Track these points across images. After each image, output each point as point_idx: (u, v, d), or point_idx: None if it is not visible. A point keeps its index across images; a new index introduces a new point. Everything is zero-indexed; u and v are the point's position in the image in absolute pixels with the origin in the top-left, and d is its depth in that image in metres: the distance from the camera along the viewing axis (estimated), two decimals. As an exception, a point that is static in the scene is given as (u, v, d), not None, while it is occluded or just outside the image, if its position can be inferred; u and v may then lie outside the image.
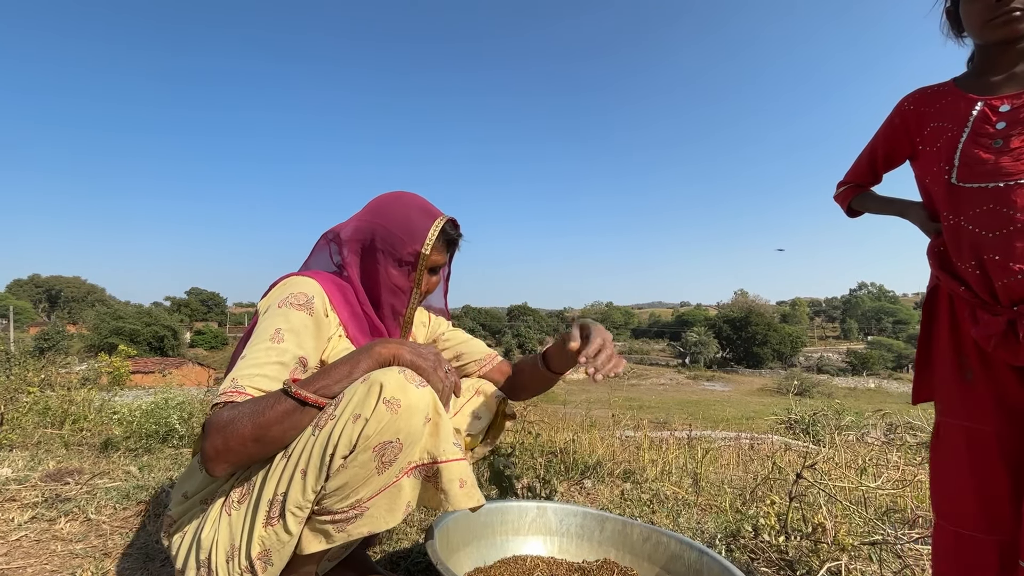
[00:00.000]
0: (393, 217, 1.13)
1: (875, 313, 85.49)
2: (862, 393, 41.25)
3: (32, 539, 1.54)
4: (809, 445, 4.39)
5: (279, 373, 0.90)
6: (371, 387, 0.84)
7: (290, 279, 1.05)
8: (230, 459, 0.83)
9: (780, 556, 1.55)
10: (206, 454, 0.83)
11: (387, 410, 0.83)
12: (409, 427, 0.85)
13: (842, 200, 1.41)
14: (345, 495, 0.85)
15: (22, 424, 2.95)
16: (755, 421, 10.29)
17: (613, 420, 4.77)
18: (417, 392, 0.86)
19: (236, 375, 0.88)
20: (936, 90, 1.18)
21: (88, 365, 6.08)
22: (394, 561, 1.49)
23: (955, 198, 1.07)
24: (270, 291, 1.04)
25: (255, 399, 0.85)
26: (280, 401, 0.85)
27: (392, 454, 0.85)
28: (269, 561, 0.87)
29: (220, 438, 0.82)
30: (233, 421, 0.82)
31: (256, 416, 0.83)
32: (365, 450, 0.83)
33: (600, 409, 6.92)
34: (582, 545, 1.44)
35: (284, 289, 1.02)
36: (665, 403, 22.70)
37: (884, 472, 2.30)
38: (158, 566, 1.42)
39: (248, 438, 0.82)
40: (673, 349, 72.84)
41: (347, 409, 0.84)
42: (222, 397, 0.86)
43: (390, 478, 0.87)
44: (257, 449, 0.84)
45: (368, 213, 1.16)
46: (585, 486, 2.34)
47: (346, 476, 0.84)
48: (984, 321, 1.03)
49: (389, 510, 0.88)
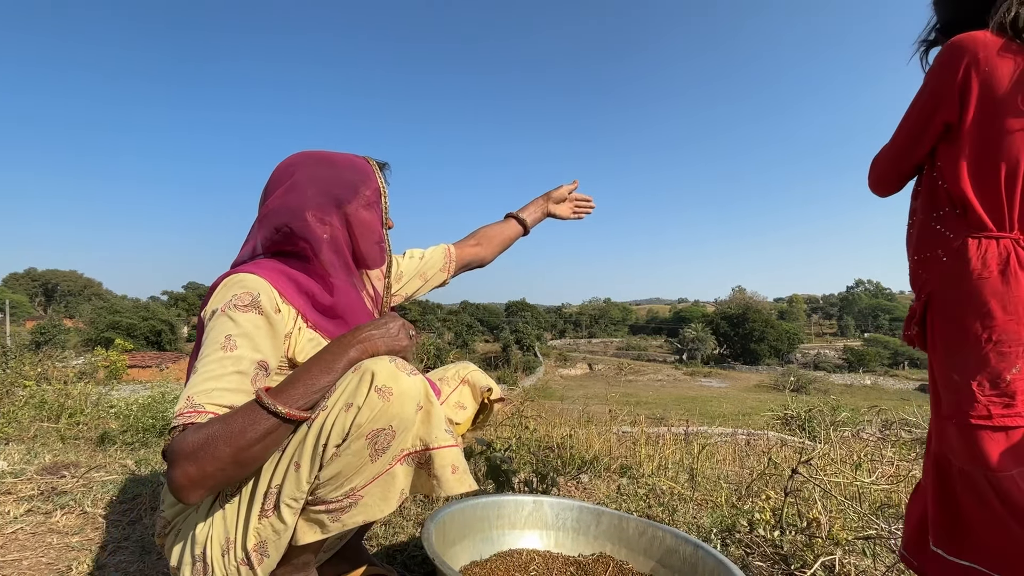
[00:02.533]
0: (333, 169, 1.07)
1: (872, 310, 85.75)
2: (858, 390, 41.42)
3: (28, 532, 1.54)
4: (805, 441, 4.40)
5: (240, 384, 0.83)
6: (362, 376, 0.84)
7: (229, 279, 0.93)
8: (207, 485, 0.76)
9: (775, 550, 1.56)
10: (177, 483, 0.74)
11: (379, 398, 0.82)
12: (402, 414, 0.85)
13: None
14: (339, 484, 0.85)
15: (18, 418, 2.94)
16: (751, 417, 10.32)
17: (610, 416, 4.77)
18: (409, 380, 0.85)
19: (191, 392, 0.80)
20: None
21: (85, 359, 6.06)
22: (390, 554, 1.49)
23: None
24: (210, 296, 0.93)
25: (226, 417, 0.78)
26: (261, 419, 0.79)
27: (385, 442, 0.85)
28: (265, 552, 0.86)
29: (194, 465, 0.74)
30: (205, 445, 0.75)
31: (234, 438, 0.76)
32: (358, 438, 0.83)
33: (597, 404, 6.93)
34: (578, 539, 1.45)
35: (225, 291, 0.91)
36: (662, 399, 22.76)
37: (879, 468, 2.32)
38: (154, 559, 1.42)
39: (227, 461, 0.76)
40: (670, 345, 72.96)
41: (340, 399, 0.84)
42: (179, 419, 0.78)
43: (383, 466, 0.87)
44: (236, 472, 0.79)
45: (303, 182, 1.03)
46: (582, 481, 2.35)
47: (339, 465, 0.84)
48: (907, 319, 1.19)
49: (383, 498, 0.88)
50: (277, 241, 1.01)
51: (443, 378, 1.34)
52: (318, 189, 1.03)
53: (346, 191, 1.06)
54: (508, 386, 14.65)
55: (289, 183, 1.04)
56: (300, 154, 1.09)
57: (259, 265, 0.97)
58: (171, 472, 0.75)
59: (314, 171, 1.05)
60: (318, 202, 1.03)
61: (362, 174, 1.10)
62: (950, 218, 1.09)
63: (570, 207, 1.67)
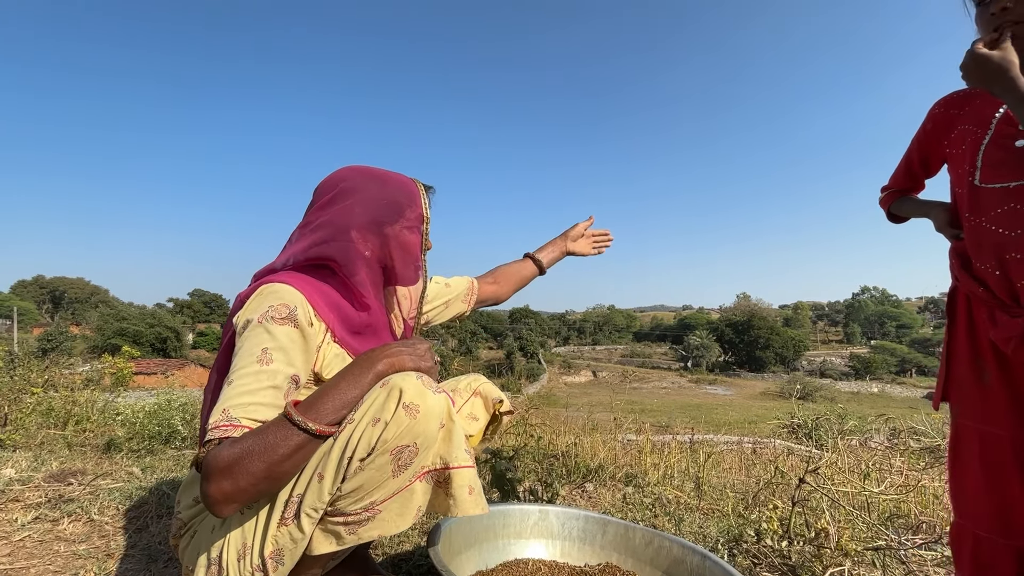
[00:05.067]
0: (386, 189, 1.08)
1: (878, 317, 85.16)
2: (865, 397, 41.10)
3: (35, 539, 1.55)
4: (812, 450, 4.38)
5: (274, 399, 0.85)
6: (391, 392, 0.84)
7: (265, 288, 0.94)
8: (240, 499, 0.78)
9: (783, 561, 1.54)
10: (212, 498, 0.76)
11: (406, 415, 0.83)
12: (426, 432, 0.85)
13: (884, 205, 1.43)
14: (359, 497, 0.85)
15: (25, 425, 2.96)
16: (757, 425, 10.26)
17: (615, 424, 4.76)
18: (434, 398, 0.86)
19: (228, 405, 0.81)
20: (965, 93, 1.18)
21: (91, 366, 6.09)
22: (396, 563, 1.49)
23: (977, 199, 1.07)
24: (244, 303, 0.94)
25: (258, 432, 0.80)
26: (291, 435, 0.80)
27: (408, 458, 0.85)
28: (281, 560, 0.87)
29: (228, 481, 0.76)
30: (240, 460, 0.76)
31: (267, 453, 0.78)
32: (383, 453, 0.83)
33: (602, 412, 6.91)
34: (584, 549, 1.44)
35: (261, 300, 0.92)
36: (667, 407, 22.63)
37: (887, 477, 2.29)
38: (161, 567, 1.42)
39: (260, 476, 0.78)
40: (675, 352, 72.63)
41: (367, 413, 0.84)
42: (215, 432, 0.79)
43: (404, 482, 0.87)
44: (268, 486, 0.80)
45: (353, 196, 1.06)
46: (587, 490, 2.34)
47: (362, 479, 0.84)
48: (1003, 323, 1.02)
49: (400, 514, 0.88)
50: (317, 254, 1.02)
51: (456, 389, 1.35)
52: (365, 208, 1.05)
53: (391, 212, 1.08)
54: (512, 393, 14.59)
55: (338, 198, 1.06)
56: (351, 169, 1.12)
57: (294, 276, 0.98)
58: (206, 487, 0.77)
59: (363, 189, 1.07)
60: (363, 221, 1.04)
61: (408, 197, 1.11)
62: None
63: (588, 243, 1.71)
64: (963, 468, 1.10)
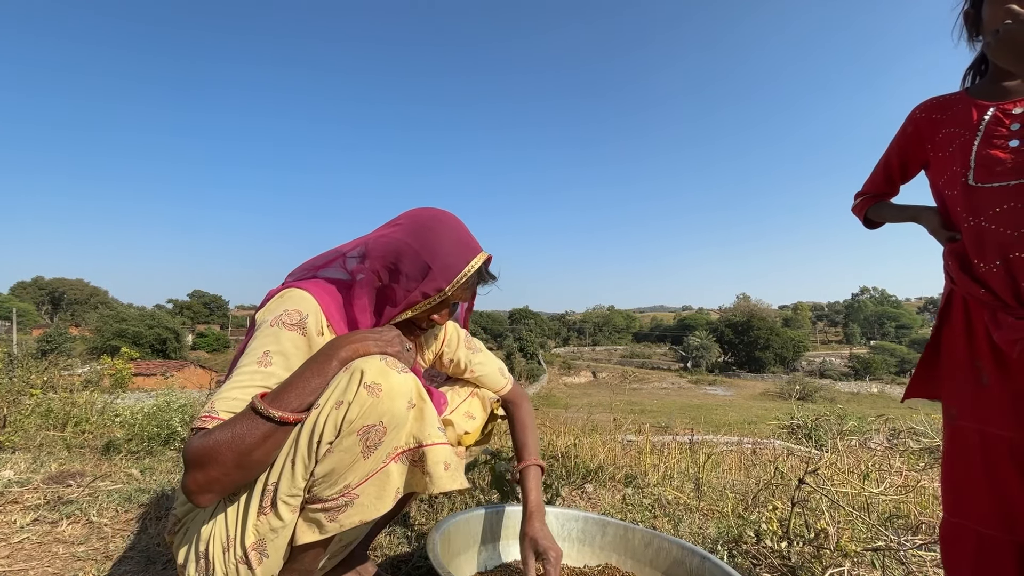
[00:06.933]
0: (428, 244, 1.05)
1: (878, 318, 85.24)
2: (865, 398, 41.14)
3: (34, 541, 1.54)
4: (811, 450, 4.37)
5: None
6: (352, 374, 0.86)
7: (288, 292, 1.00)
8: (214, 489, 0.81)
9: (782, 562, 1.54)
10: (188, 488, 0.80)
11: (368, 394, 0.84)
12: (392, 411, 0.86)
13: (859, 211, 1.41)
14: (333, 481, 0.86)
15: (24, 426, 2.96)
16: (757, 426, 10.25)
17: (615, 424, 4.75)
18: (399, 377, 0.87)
19: (216, 398, 0.86)
20: (947, 98, 1.19)
21: (90, 367, 6.08)
22: (395, 565, 1.49)
23: (973, 199, 1.07)
24: (268, 301, 1.00)
25: (228, 424, 0.82)
26: (258, 424, 0.81)
27: (376, 438, 0.86)
28: (264, 552, 0.87)
29: (200, 472, 0.79)
30: (211, 451, 0.79)
31: (235, 443, 0.80)
32: (350, 434, 0.84)
33: (602, 413, 6.91)
34: (583, 550, 1.44)
35: (280, 303, 0.97)
36: (667, 407, 22.64)
37: (887, 478, 2.29)
38: (159, 569, 1.42)
39: (231, 466, 0.80)
40: (675, 353, 72.68)
41: (331, 397, 0.86)
42: (196, 422, 0.84)
43: (377, 463, 0.88)
44: (242, 476, 0.83)
45: (402, 231, 1.07)
46: (586, 491, 2.34)
47: (333, 461, 0.85)
48: (1008, 324, 1.00)
49: (378, 497, 0.89)
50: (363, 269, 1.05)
51: (454, 388, 1.35)
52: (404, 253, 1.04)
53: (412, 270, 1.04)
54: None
55: (390, 239, 1.06)
56: (438, 216, 1.10)
57: (318, 284, 1.02)
58: (183, 477, 0.82)
59: (405, 239, 1.05)
60: (417, 264, 1.03)
61: (443, 270, 1.05)
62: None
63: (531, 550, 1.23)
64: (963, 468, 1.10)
